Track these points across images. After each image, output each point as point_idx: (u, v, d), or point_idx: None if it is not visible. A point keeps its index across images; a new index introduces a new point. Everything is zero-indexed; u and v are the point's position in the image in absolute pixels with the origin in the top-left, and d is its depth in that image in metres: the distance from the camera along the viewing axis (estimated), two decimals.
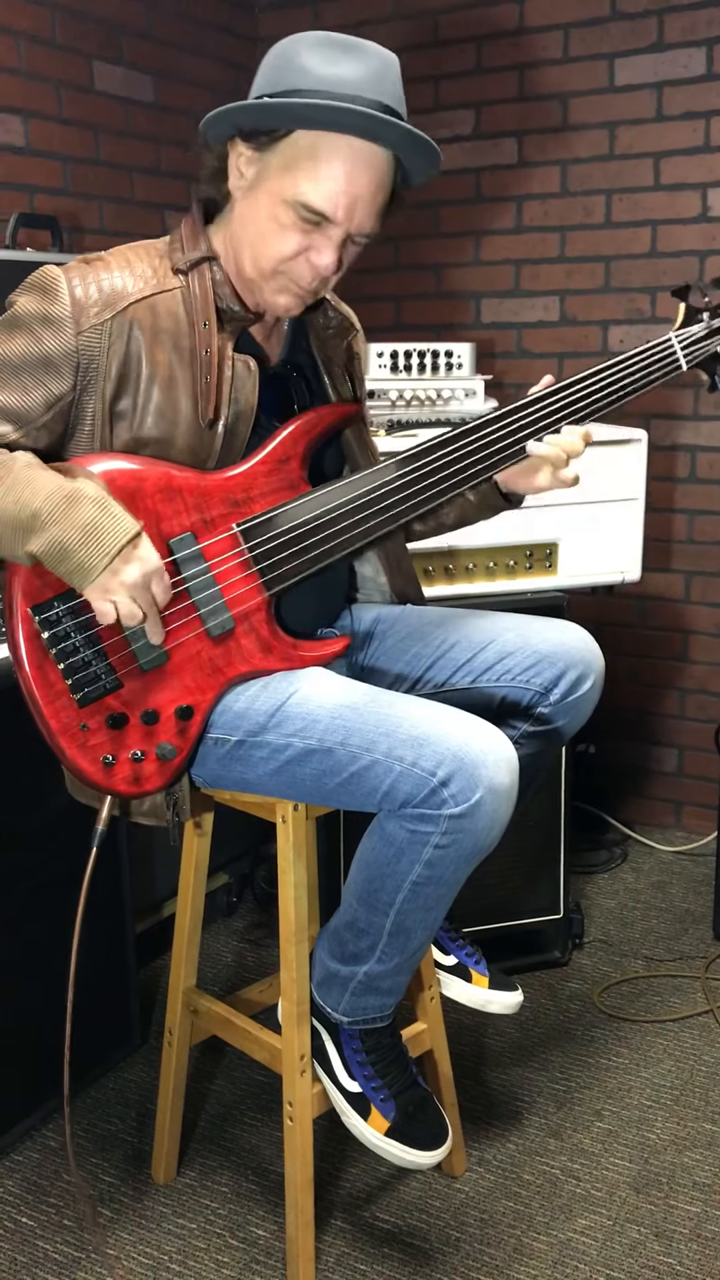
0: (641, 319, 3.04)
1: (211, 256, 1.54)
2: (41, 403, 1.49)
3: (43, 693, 1.48)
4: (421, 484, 1.57)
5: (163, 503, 1.50)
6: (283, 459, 1.55)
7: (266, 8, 3.32)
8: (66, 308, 1.47)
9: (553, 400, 1.61)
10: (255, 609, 1.54)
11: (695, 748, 3.20)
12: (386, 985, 1.60)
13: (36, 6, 2.64)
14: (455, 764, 1.39)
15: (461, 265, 3.24)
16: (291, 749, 1.48)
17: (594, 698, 1.71)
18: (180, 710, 1.52)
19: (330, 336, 1.69)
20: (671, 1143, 2.01)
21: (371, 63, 1.44)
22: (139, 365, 1.49)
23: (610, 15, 2.92)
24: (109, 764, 1.50)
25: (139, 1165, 1.97)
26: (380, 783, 1.43)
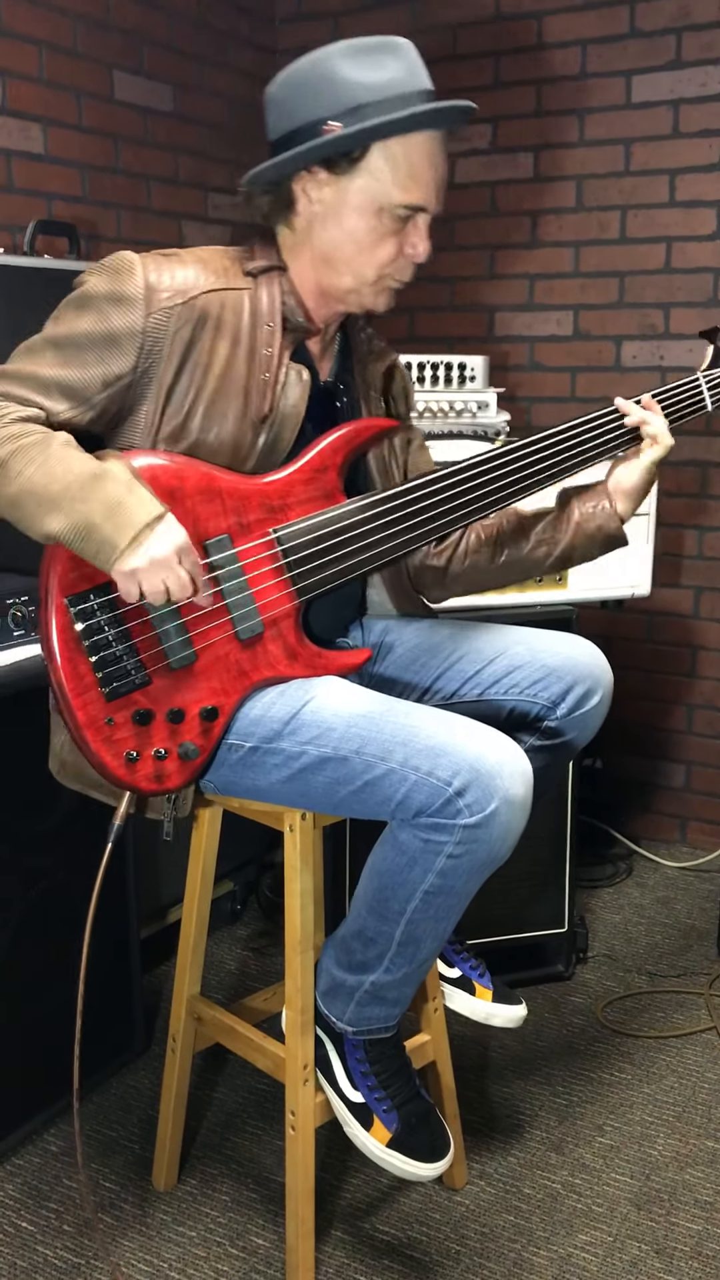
0: (655, 334, 3.04)
1: (280, 267, 1.57)
2: (99, 380, 1.50)
3: (72, 684, 1.48)
4: (455, 501, 1.61)
5: (202, 503, 1.51)
6: (321, 468, 1.57)
7: (286, 20, 3.34)
8: (140, 289, 1.48)
9: (585, 429, 1.69)
10: (284, 615, 1.55)
11: (703, 763, 3.20)
12: (393, 996, 1.61)
13: (58, 16, 2.66)
14: (471, 774, 1.40)
15: (476, 278, 3.25)
16: (306, 756, 1.49)
17: (602, 712, 1.72)
18: (205, 711, 1.53)
19: (370, 361, 1.72)
20: (673, 1159, 2.00)
21: (406, 55, 1.50)
22: (200, 355, 1.51)
23: (628, 32, 2.93)
24: (132, 760, 1.50)
25: (140, 1172, 1.97)
26: (395, 792, 1.43)
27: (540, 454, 1.65)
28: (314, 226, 1.54)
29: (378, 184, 1.49)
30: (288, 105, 1.51)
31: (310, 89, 1.49)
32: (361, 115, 1.45)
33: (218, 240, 3.16)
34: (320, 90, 1.48)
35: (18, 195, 2.61)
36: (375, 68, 1.47)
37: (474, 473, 1.62)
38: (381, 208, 1.50)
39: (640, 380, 3.08)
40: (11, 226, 2.57)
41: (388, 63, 1.47)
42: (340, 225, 1.52)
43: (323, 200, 1.52)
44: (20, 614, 1.98)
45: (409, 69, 1.49)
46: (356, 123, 1.45)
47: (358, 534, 1.56)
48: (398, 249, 1.54)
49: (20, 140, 2.60)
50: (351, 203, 1.51)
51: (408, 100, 1.47)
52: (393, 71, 1.47)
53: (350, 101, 1.46)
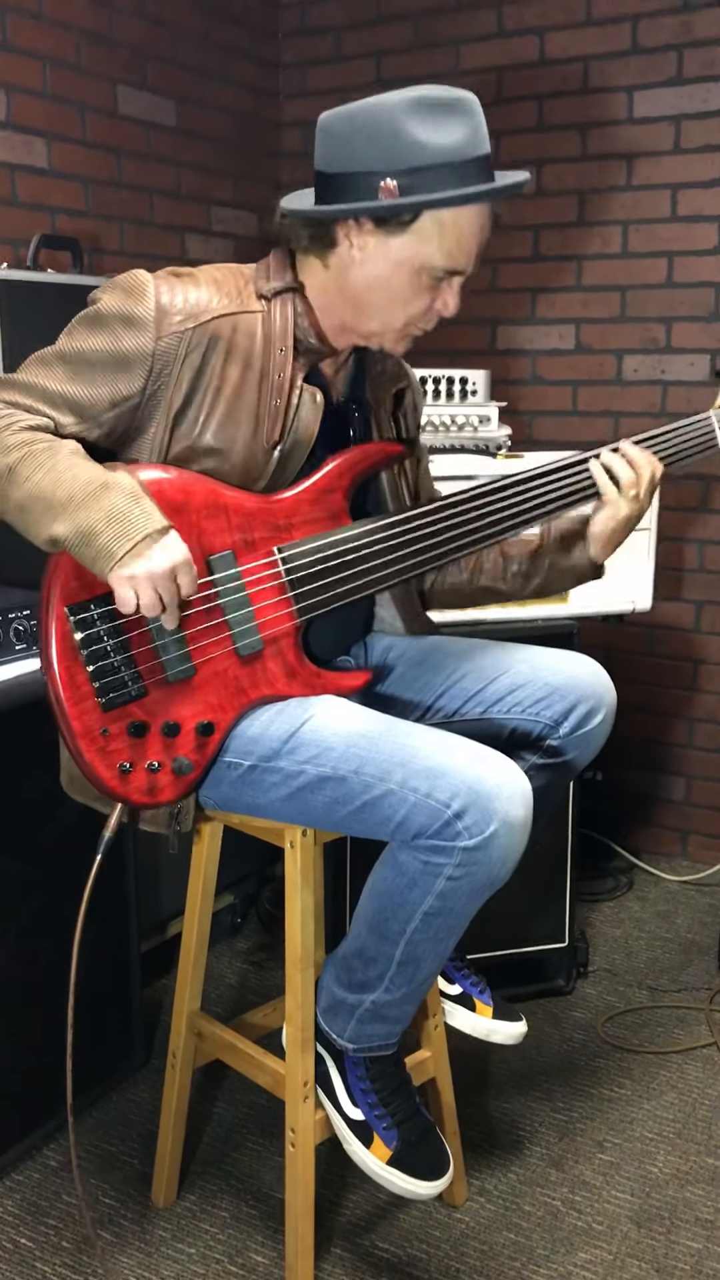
0: (656, 349, 3.05)
1: (295, 288, 1.56)
2: (107, 399, 1.50)
3: (69, 693, 1.48)
4: (462, 528, 1.61)
5: (207, 519, 1.51)
6: (328, 490, 1.57)
7: (289, 35, 3.35)
8: (151, 311, 1.48)
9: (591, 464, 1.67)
10: (285, 634, 1.55)
11: (704, 777, 3.20)
12: (393, 1014, 1.61)
13: (62, 31, 2.67)
14: (470, 796, 1.40)
15: (478, 292, 3.25)
16: (305, 776, 1.49)
17: (605, 732, 1.72)
18: (201, 726, 1.53)
19: (384, 382, 1.72)
20: (674, 1177, 2.00)
21: (472, 117, 1.46)
22: (210, 378, 1.51)
23: (630, 49, 2.94)
24: (125, 771, 1.51)
25: (139, 1188, 1.97)
26: (394, 813, 1.43)
27: (550, 483, 1.65)
28: (350, 269, 1.52)
29: (423, 247, 1.47)
30: (346, 146, 1.47)
31: (372, 137, 1.45)
32: (420, 178, 1.43)
33: (221, 253, 3.17)
34: (383, 142, 1.44)
35: (21, 209, 2.62)
36: (441, 130, 1.42)
37: (481, 501, 1.61)
38: (422, 268, 1.49)
39: (641, 394, 3.09)
40: (15, 240, 2.58)
41: (454, 126, 1.43)
42: (378, 275, 1.51)
43: (364, 248, 1.50)
44: (21, 628, 1.98)
45: (473, 133, 1.44)
46: (414, 185, 1.43)
47: (361, 557, 1.57)
48: (429, 304, 1.54)
49: (24, 154, 2.61)
50: (394, 257, 1.49)
51: (466, 168, 1.43)
52: (457, 136, 1.43)
53: (412, 161, 1.43)
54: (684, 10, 2.87)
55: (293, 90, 3.38)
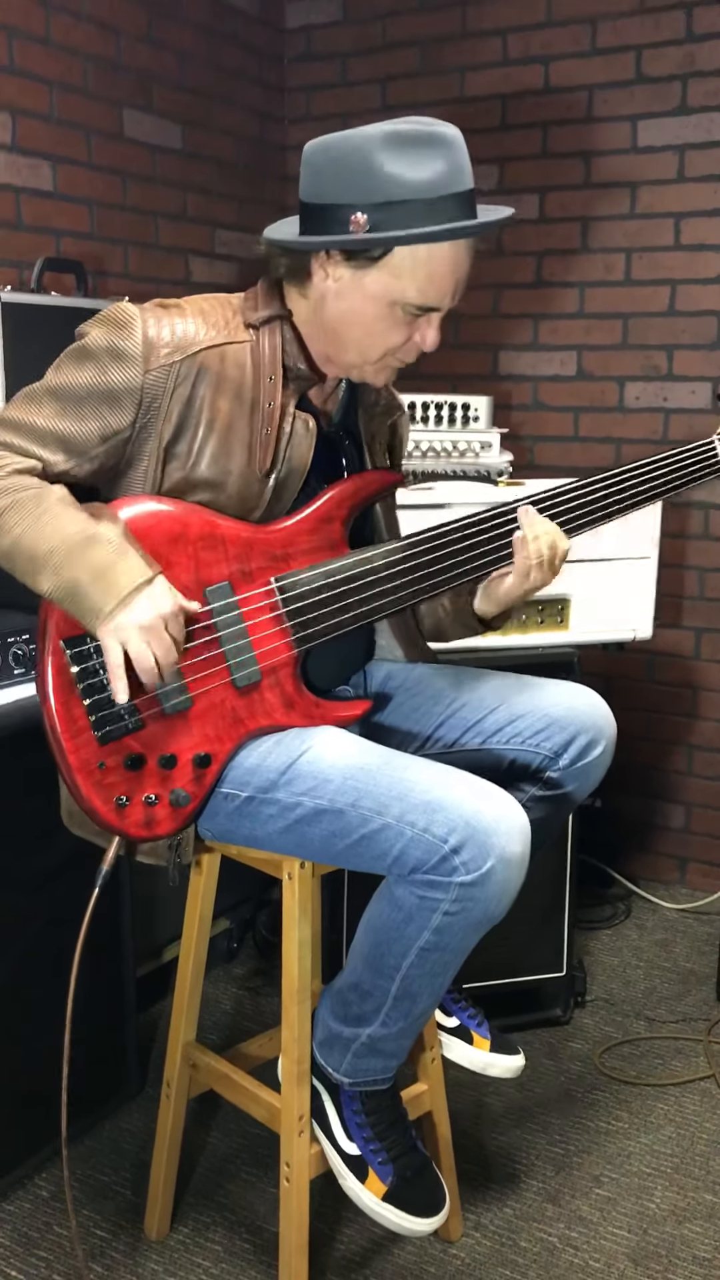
0: (658, 376, 3.05)
1: (284, 315, 1.56)
2: (97, 435, 1.50)
3: (65, 727, 1.48)
4: (460, 555, 1.60)
5: (204, 550, 1.51)
6: (325, 519, 1.57)
7: (295, 60, 3.36)
8: (138, 345, 1.48)
9: (595, 488, 1.66)
10: (283, 664, 1.55)
11: (703, 805, 3.19)
12: (389, 1048, 1.59)
13: (69, 56, 2.68)
14: (467, 831, 1.39)
15: (481, 317, 3.26)
16: (302, 808, 1.48)
17: (605, 764, 1.71)
18: (198, 758, 1.52)
19: (377, 413, 1.71)
20: (671, 1213, 1.98)
21: (452, 153, 1.43)
22: (200, 410, 1.51)
23: (635, 78, 2.96)
24: (122, 805, 1.50)
25: (131, 1219, 1.95)
26: (390, 847, 1.42)
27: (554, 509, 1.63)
28: (326, 300, 1.52)
29: (395, 282, 1.46)
30: (321, 176, 1.47)
31: (346, 169, 1.44)
32: (391, 214, 1.41)
33: (224, 276, 3.17)
34: (356, 174, 1.43)
35: (26, 232, 2.62)
36: (416, 164, 1.41)
37: (480, 528, 1.60)
38: (395, 302, 1.48)
39: (643, 421, 3.09)
40: (19, 263, 2.58)
41: (431, 160, 1.41)
42: (351, 308, 1.50)
43: (339, 280, 1.49)
44: (21, 652, 1.98)
45: (451, 169, 1.42)
46: (384, 221, 1.41)
47: (358, 586, 1.56)
48: (406, 337, 1.52)
49: (30, 177, 2.62)
50: (367, 292, 1.48)
51: (441, 204, 1.41)
52: (433, 171, 1.41)
53: (383, 196, 1.41)
54: (688, 41, 2.88)
55: (298, 114, 3.39)
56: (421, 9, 3.19)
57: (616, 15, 2.95)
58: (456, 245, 1.46)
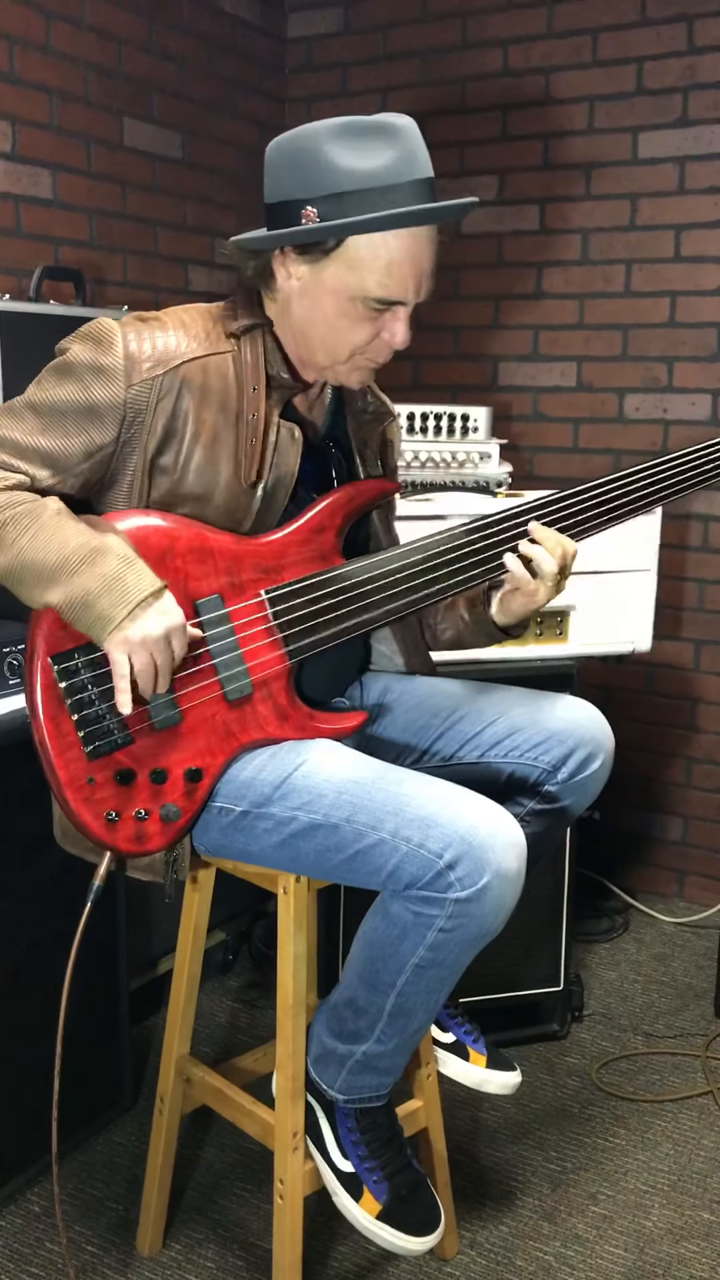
0: (658, 388, 3.05)
1: (264, 324, 1.55)
2: (81, 451, 1.49)
3: (54, 743, 1.47)
4: (454, 565, 1.57)
5: (194, 563, 1.49)
6: (318, 529, 1.55)
7: (295, 70, 3.37)
8: (120, 360, 1.47)
9: (602, 491, 1.62)
10: (275, 676, 1.53)
11: (701, 817, 3.18)
12: (384, 1065, 1.58)
13: (70, 65, 2.68)
14: (463, 847, 1.37)
15: (481, 328, 3.26)
16: (296, 823, 1.47)
17: (603, 777, 1.70)
18: (189, 772, 1.51)
19: (367, 421, 1.70)
20: (668, 1232, 1.96)
21: (402, 141, 1.43)
22: (185, 423, 1.49)
23: (635, 90, 2.96)
24: (112, 820, 1.48)
25: (123, 1235, 1.93)
26: (385, 862, 1.41)
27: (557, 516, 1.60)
28: (292, 301, 1.51)
29: (353, 274, 1.45)
30: (277, 174, 1.47)
31: (296, 165, 1.44)
32: (340, 204, 1.41)
33: (224, 285, 3.17)
34: (305, 169, 1.43)
35: (25, 240, 2.62)
36: (364, 154, 1.40)
37: (475, 535, 1.58)
38: (355, 297, 1.46)
39: (643, 432, 3.08)
40: (18, 271, 2.58)
41: (379, 149, 1.41)
42: (315, 306, 1.49)
43: (301, 279, 1.49)
44: (17, 662, 1.97)
45: (402, 156, 1.41)
46: (333, 212, 1.41)
47: (350, 597, 1.54)
48: (373, 334, 1.50)
49: (29, 186, 2.62)
50: (326, 286, 1.47)
51: (393, 192, 1.40)
52: (382, 159, 1.40)
53: (331, 188, 1.41)
54: (689, 53, 2.88)
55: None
56: (422, 20, 3.19)
57: (618, 27, 2.95)
58: (415, 235, 1.44)
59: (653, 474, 1.64)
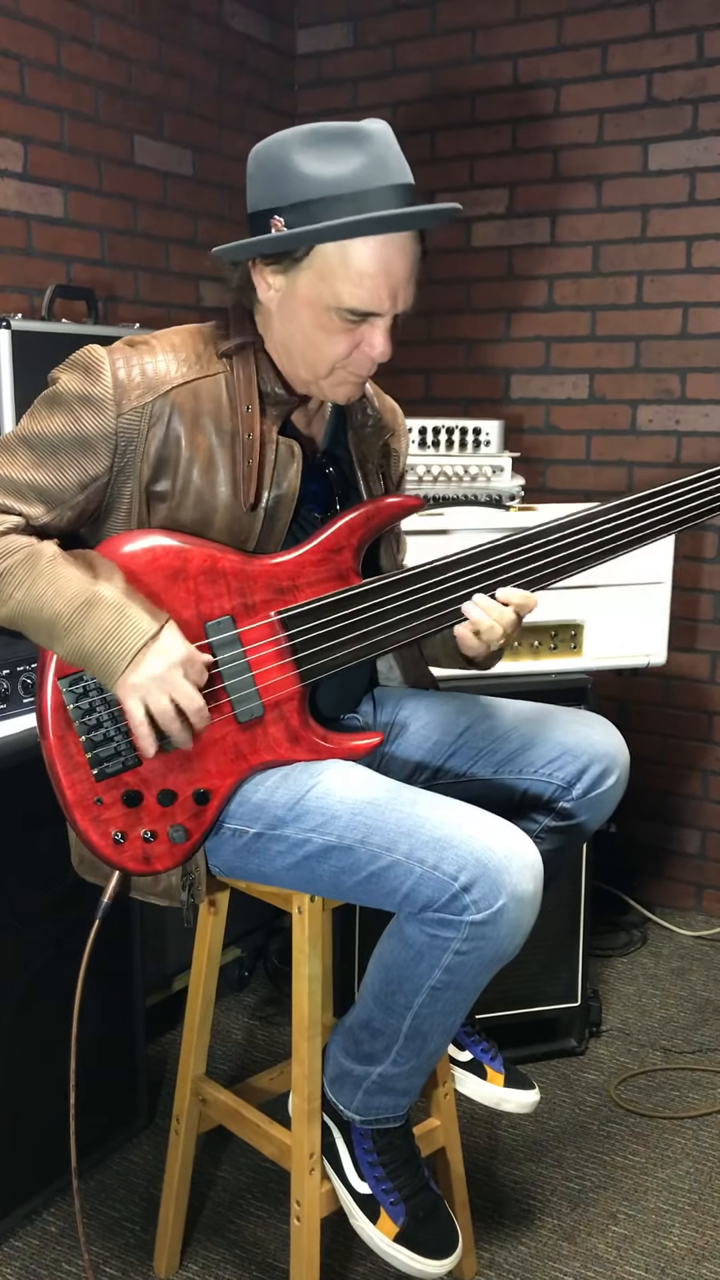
0: (671, 399, 3.04)
1: (254, 341, 1.54)
2: (75, 483, 1.48)
3: (62, 763, 1.47)
4: (475, 586, 1.53)
5: (205, 584, 1.48)
6: (335, 549, 1.52)
7: (305, 86, 3.38)
8: (109, 389, 1.46)
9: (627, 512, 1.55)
10: (287, 698, 1.51)
11: (718, 830, 3.15)
12: (401, 1086, 1.57)
13: (81, 85, 2.69)
14: (478, 869, 1.36)
15: (492, 341, 3.25)
16: (310, 844, 1.46)
17: (618, 794, 1.68)
18: (197, 794, 1.50)
19: (367, 434, 1.67)
20: (689, 1252, 1.94)
21: (372, 147, 1.40)
22: (179, 449, 1.48)
23: (645, 102, 2.95)
24: (119, 841, 1.48)
25: (140, 1256, 1.92)
26: (400, 884, 1.40)
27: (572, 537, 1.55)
28: (272, 313, 1.50)
29: (324, 284, 1.42)
30: (253, 184, 1.46)
31: (267, 174, 1.43)
32: (307, 212, 1.38)
33: None
34: (274, 177, 1.42)
35: (37, 259, 2.63)
36: (332, 161, 1.38)
37: (497, 557, 1.53)
38: (329, 307, 1.43)
39: (656, 444, 3.07)
40: (30, 290, 2.59)
41: (347, 156, 1.38)
42: (292, 318, 1.48)
43: (279, 290, 1.47)
44: (29, 681, 1.97)
45: (372, 163, 1.38)
46: (301, 220, 1.39)
47: (365, 618, 1.51)
48: (351, 347, 1.47)
49: (40, 205, 2.63)
50: (301, 298, 1.45)
51: (361, 199, 1.37)
52: (351, 166, 1.38)
53: (298, 196, 1.39)
54: (699, 65, 2.88)
55: None
56: (431, 34, 3.19)
57: (627, 39, 2.95)
58: (386, 242, 1.40)
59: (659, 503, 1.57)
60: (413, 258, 1.45)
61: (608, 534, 1.55)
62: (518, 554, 1.54)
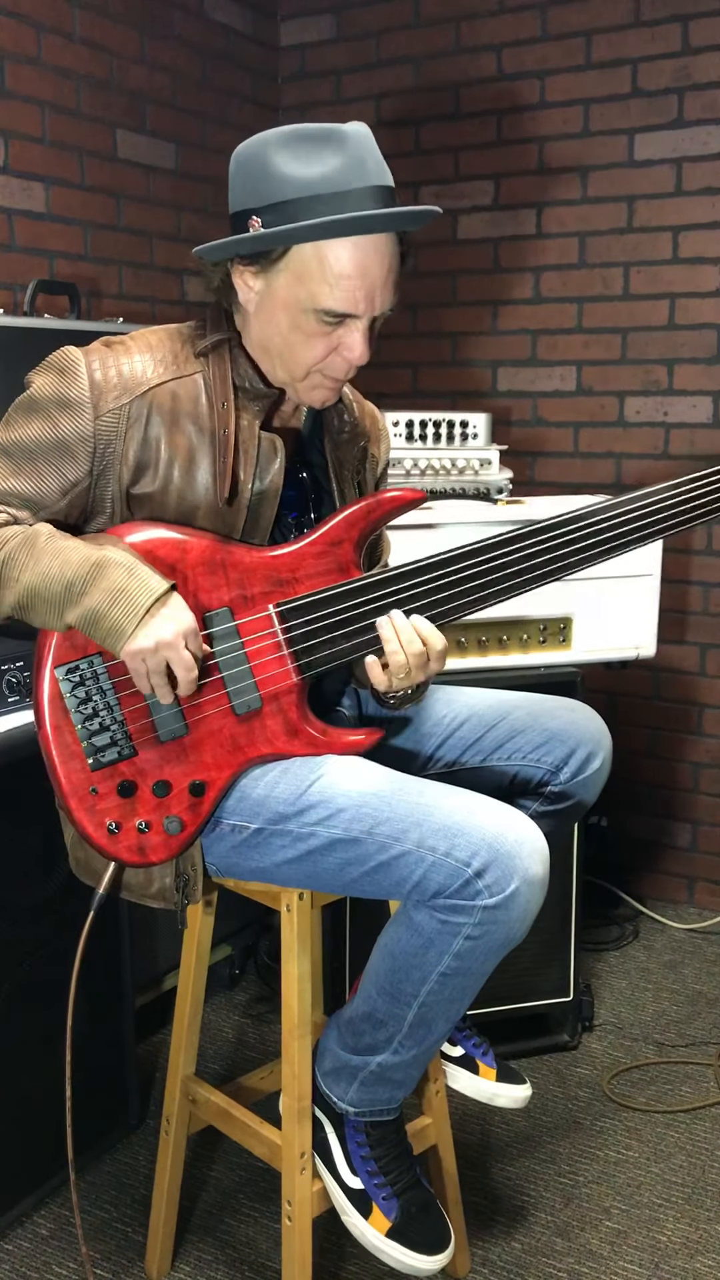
0: (658, 390, 3.03)
1: (231, 337, 1.52)
2: (57, 489, 1.48)
3: (59, 753, 1.46)
4: (477, 580, 1.52)
5: (204, 575, 1.47)
6: (335, 541, 1.51)
7: (289, 78, 3.35)
8: (85, 391, 1.45)
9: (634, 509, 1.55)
10: (285, 691, 1.50)
11: (710, 822, 3.15)
12: (399, 1077, 1.56)
13: (62, 78, 2.67)
14: (491, 854, 1.36)
15: (479, 334, 3.24)
16: (315, 838, 1.45)
17: (604, 775, 1.70)
18: (193, 785, 1.49)
19: (344, 441, 1.65)
20: (683, 1246, 1.94)
21: (349, 148, 1.40)
22: (158, 449, 1.47)
23: (630, 92, 2.94)
24: (113, 831, 1.47)
25: (132, 1258, 1.91)
26: (411, 873, 1.40)
27: (578, 533, 1.53)
28: (252, 314, 1.49)
29: (301, 286, 1.42)
30: (233, 186, 1.46)
31: (247, 174, 1.43)
32: (283, 212, 1.38)
33: None
34: (254, 178, 1.41)
35: (19, 254, 2.60)
36: (310, 162, 1.38)
37: (501, 550, 1.52)
38: (305, 309, 1.43)
39: (644, 435, 3.06)
40: (12, 285, 2.56)
41: (325, 156, 1.38)
42: (270, 320, 1.47)
43: (258, 291, 1.47)
44: (15, 680, 1.95)
45: (350, 164, 1.38)
46: (278, 220, 1.39)
47: (365, 611, 1.49)
48: (328, 350, 1.47)
49: (22, 199, 2.60)
50: (278, 299, 1.45)
51: (338, 200, 1.37)
52: (328, 167, 1.38)
53: (276, 197, 1.39)
54: (684, 54, 2.87)
55: None
56: (415, 25, 3.18)
57: (612, 29, 2.94)
58: (362, 244, 1.40)
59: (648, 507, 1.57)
60: (390, 260, 1.44)
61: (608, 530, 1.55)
62: (520, 549, 1.54)
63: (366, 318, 1.45)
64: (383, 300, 1.46)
